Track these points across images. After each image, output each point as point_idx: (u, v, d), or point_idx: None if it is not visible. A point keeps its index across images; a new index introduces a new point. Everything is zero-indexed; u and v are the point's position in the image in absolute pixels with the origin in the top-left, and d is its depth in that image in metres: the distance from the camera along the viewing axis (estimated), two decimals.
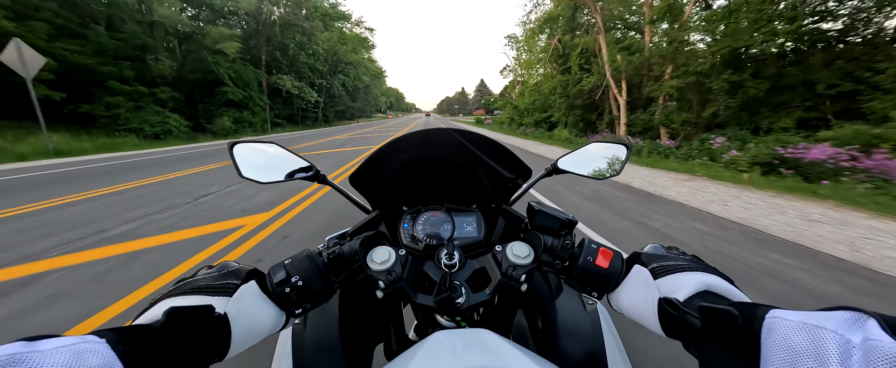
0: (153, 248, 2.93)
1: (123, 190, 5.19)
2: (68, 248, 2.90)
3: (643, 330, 0.41)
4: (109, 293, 2.18)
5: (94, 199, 4.60)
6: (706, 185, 5.66)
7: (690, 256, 0.44)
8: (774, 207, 4.26)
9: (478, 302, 0.54)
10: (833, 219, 3.74)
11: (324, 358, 0.58)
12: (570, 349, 0.59)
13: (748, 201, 4.53)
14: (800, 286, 2.33)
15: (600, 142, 0.81)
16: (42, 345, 0.23)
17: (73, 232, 3.27)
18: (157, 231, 3.32)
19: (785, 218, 3.81)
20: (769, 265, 2.65)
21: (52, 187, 5.31)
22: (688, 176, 6.48)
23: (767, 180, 5.63)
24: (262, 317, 0.40)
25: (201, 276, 0.39)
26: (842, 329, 0.23)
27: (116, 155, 10.26)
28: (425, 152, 0.65)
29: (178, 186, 5.50)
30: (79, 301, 2.08)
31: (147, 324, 0.31)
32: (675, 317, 0.36)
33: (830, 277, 2.47)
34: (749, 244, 3.07)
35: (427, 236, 0.67)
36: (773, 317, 0.27)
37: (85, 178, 6.24)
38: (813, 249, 2.96)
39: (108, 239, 3.11)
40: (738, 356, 0.28)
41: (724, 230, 3.48)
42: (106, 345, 0.26)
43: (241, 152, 0.68)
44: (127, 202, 4.42)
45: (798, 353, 0.24)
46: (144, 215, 3.87)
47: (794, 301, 2.12)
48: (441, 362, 0.37)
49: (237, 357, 0.37)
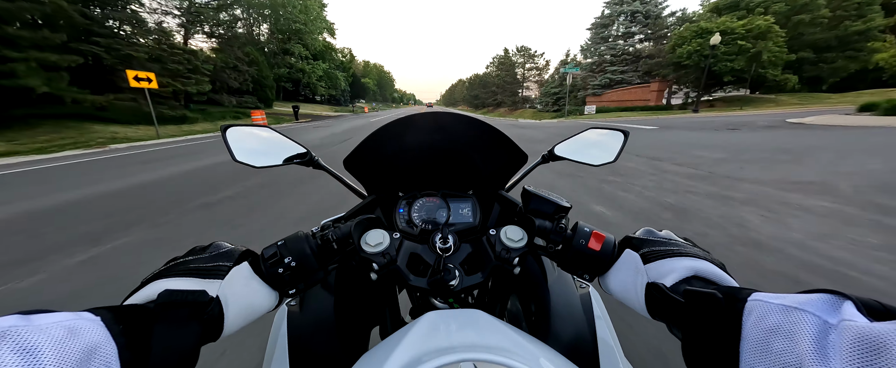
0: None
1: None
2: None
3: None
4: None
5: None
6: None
7: (683, 239, 0.44)
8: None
9: (471, 285, 0.54)
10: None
11: (319, 339, 0.59)
12: (563, 331, 0.61)
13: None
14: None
15: (597, 129, 0.81)
16: (37, 320, 0.23)
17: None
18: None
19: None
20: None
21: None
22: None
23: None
24: (255, 298, 0.41)
25: (193, 257, 0.39)
26: (819, 310, 0.24)
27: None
28: (421, 136, 0.64)
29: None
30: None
31: (141, 304, 0.31)
32: (660, 301, 0.36)
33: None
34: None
35: (423, 221, 0.67)
36: (754, 300, 0.28)
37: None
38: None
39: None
40: (718, 336, 0.29)
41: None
42: (100, 323, 0.26)
43: (234, 136, 0.67)
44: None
45: (775, 333, 0.25)
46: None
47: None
48: (433, 341, 0.37)
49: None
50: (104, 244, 2.75)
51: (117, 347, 0.26)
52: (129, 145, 10.50)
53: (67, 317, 0.25)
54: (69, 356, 0.23)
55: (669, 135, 9.85)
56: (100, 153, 8.79)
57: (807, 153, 5.81)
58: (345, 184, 0.80)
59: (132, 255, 2.57)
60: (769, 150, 6.34)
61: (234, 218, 3.36)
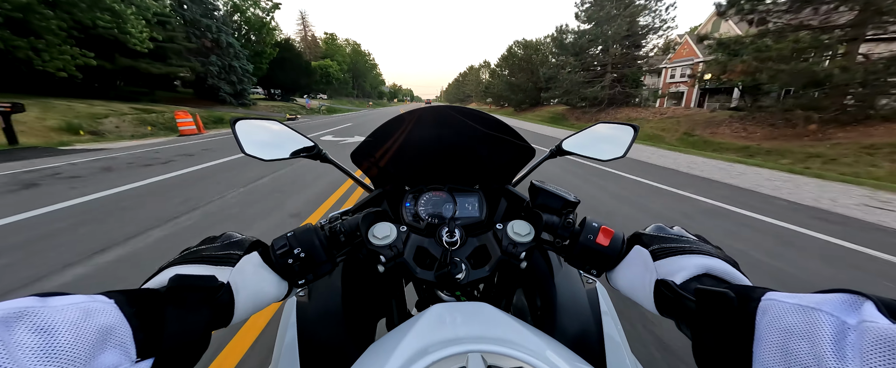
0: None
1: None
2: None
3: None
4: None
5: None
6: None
7: (694, 236, 0.43)
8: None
9: (478, 278, 0.54)
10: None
11: (327, 329, 0.60)
12: (569, 325, 0.61)
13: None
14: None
15: (606, 123, 0.79)
16: (53, 301, 0.24)
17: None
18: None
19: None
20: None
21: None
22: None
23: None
24: (265, 287, 0.41)
25: (205, 246, 0.40)
26: (838, 311, 0.23)
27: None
28: (427, 131, 0.64)
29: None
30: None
31: (154, 289, 0.32)
32: (670, 298, 0.36)
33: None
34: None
35: (429, 215, 0.67)
36: (769, 299, 0.27)
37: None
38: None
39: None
40: (731, 336, 0.28)
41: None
42: (114, 305, 0.27)
43: (243, 128, 0.68)
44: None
45: (791, 334, 0.24)
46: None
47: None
48: (440, 333, 0.37)
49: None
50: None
51: (131, 328, 0.27)
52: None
53: (83, 299, 0.26)
54: (85, 336, 0.23)
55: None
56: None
57: None
58: (352, 177, 0.80)
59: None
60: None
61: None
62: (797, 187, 5.58)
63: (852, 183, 5.95)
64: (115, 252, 2.53)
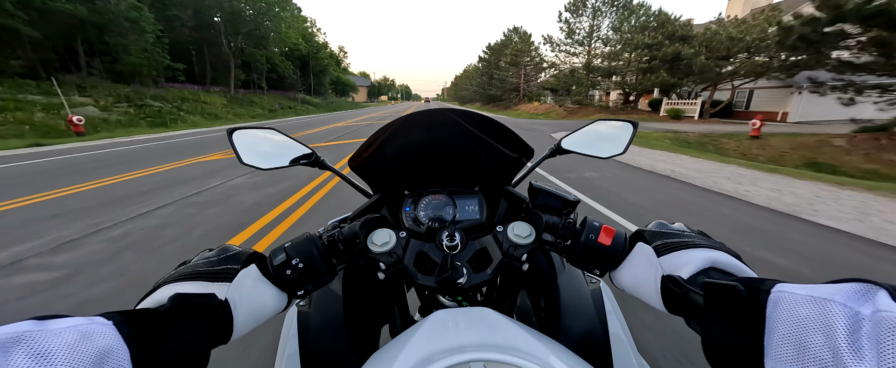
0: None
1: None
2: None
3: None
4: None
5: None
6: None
7: (696, 231, 0.43)
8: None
9: (480, 282, 0.54)
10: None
11: (329, 339, 0.59)
12: (574, 327, 0.60)
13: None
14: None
15: (605, 120, 0.79)
16: (51, 325, 0.24)
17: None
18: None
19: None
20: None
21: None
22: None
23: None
24: (264, 300, 0.41)
25: (201, 260, 0.39)
26: (850, 301, 0.22)
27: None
28: (424, 134, 0.64)
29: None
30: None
31: (152, 308, 0.31)
32: (677, 294, 0.35)
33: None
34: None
35: (429, 219, 0.67)
36: (779, 291, 0.27)
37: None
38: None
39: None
40: (741, 330, 0.28)
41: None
42: (112, 327, 0.26)
43: (240, 138, 0.67)
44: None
45: (805, 326, 0.23)
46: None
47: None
48: (442, 340, 0.37)
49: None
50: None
51: (129, 350, 0.26)
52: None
53: (80, 322, 0.25)
54: (82, 359, 0.23)
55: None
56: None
57: None
58: (350, 183, 0.80)
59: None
60: None
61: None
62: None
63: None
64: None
